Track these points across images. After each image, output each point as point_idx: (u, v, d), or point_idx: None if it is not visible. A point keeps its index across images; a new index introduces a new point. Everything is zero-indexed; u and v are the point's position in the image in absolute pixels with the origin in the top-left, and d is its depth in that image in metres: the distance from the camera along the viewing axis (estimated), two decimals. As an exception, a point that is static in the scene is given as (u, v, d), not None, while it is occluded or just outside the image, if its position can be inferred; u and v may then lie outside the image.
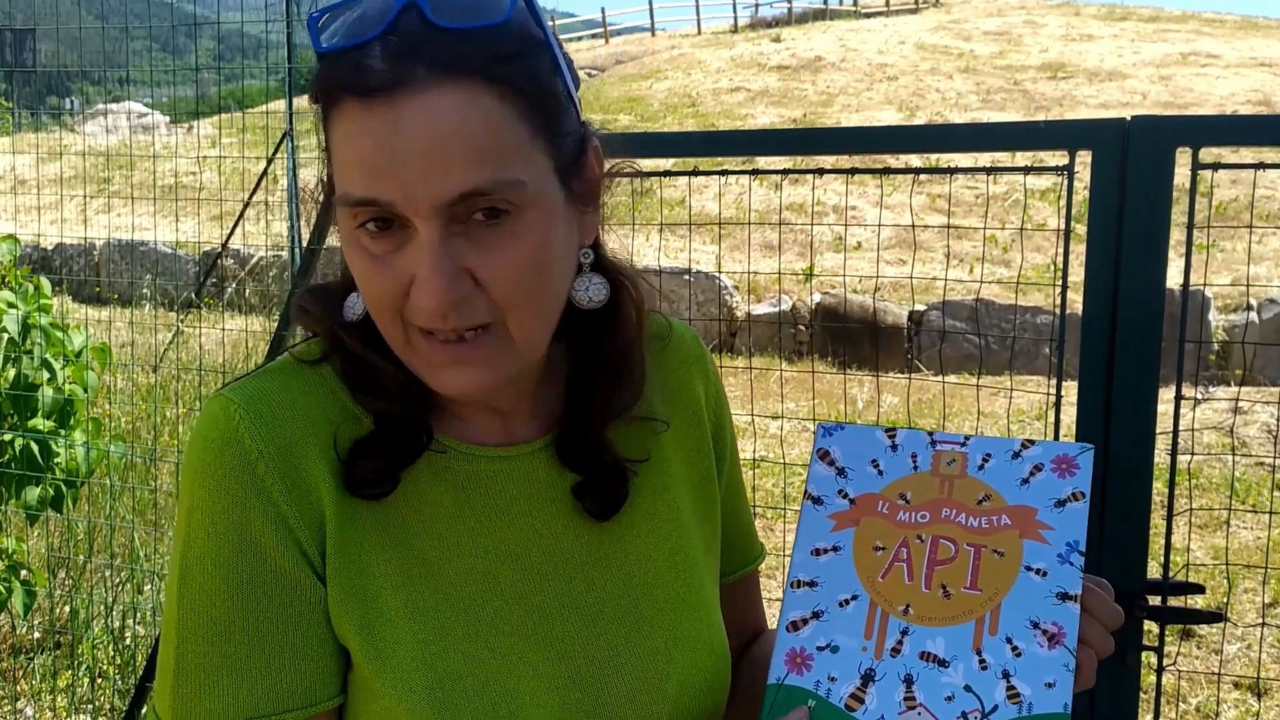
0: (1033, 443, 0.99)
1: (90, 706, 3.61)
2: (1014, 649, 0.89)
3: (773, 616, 1.19)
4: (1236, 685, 3.87)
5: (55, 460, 3.31)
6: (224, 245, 7.51)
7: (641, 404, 0.99)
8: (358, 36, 0.82)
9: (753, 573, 1.16)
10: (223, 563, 0.86)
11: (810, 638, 0.93)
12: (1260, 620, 4.18)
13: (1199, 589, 1.84)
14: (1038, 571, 0.92)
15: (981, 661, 0.89)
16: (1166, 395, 1.79)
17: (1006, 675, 0.88)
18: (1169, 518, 1.86)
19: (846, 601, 0.94)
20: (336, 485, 0.89)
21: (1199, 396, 6.46)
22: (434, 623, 0.89)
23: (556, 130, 0.86)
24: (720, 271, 8.93)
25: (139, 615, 3.89)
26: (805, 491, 1.00)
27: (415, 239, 0.82)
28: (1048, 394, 1.95)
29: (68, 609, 3.98)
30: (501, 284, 0.83)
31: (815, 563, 0.96)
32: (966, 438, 1.00)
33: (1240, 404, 6.21)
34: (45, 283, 3.42)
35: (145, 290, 8.56)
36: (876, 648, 0.91)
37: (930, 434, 1.01)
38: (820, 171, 2.09)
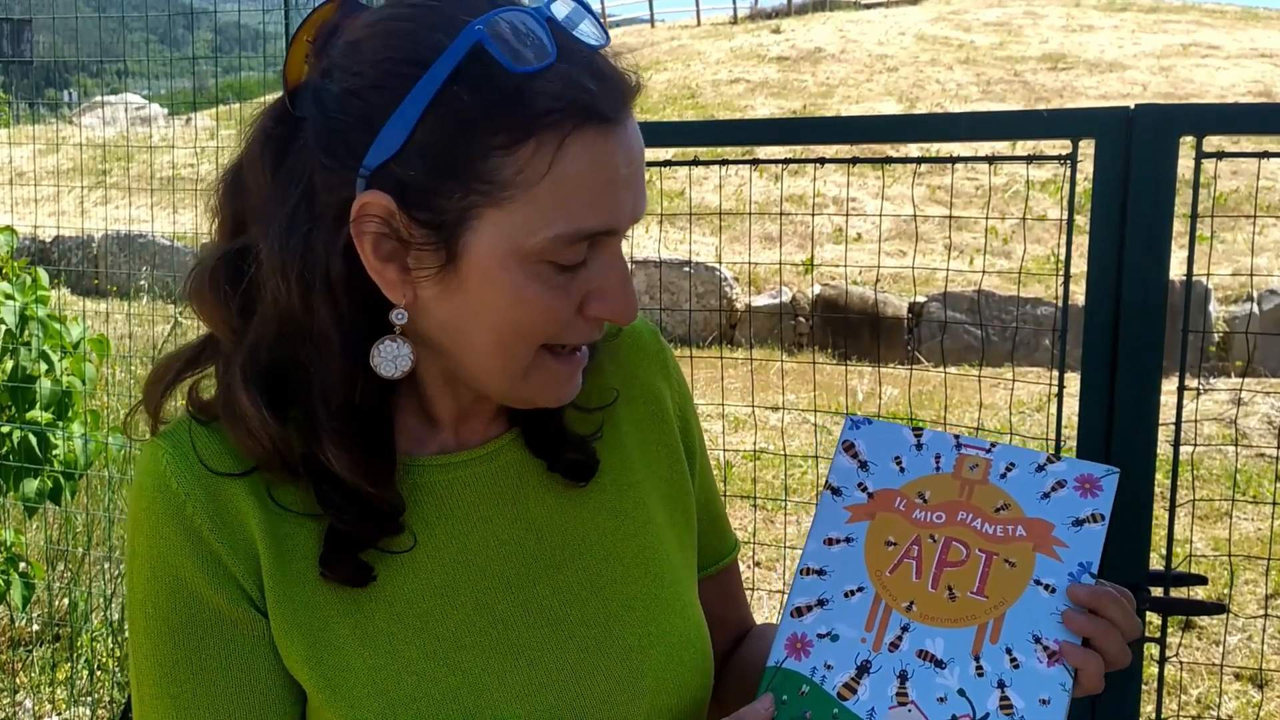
0: (1059, 458, 0.98)
1: (89, 699, 3.61)
2: (1013, 660, 0.89)
3: (774, 607, 1.19)
4: (1238, 676, 3.87)
5: (53, 452, 3.31)
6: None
7: (594, 394, 1.00)
8: (575, 58, 0.80)
9: (730, 565, 1.16)
10: (162, 606, 0.88)
11: (812, 625, 0.93)
12: (1262, 611, 4.18)
13: (1201, 580, 1.84)
14: (1047, 587, 0.91)
15: (979, 668, 0.89)
16: (1168, 386, 1.78)
17: (1002, 685, 0.88)
18: (1171, 509, 1.86)
19: (852, 593, 0.94)
20: (267, 519, 0.88)
21: (1200, 388, 6.45)
22: (386, 646, 0.88)
23: None
24: (720, 263, 8.92)
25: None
26: (826, 481, 1.00)
27: (589, 262, 0.85)
28: (1049, 385, 1.94)
29: (66, 601, 3.98)
30: None
31: (826, 552, 0.96)
32: (993, 445, 1.00)
33: (1241, 395, 6.21)
34: (43, 274, 3.42)
35: (143, 282, 8.55)
36: (876, 640, 0.91)
37: (957, 437, 1.00)
38: (820, 161, 2.08)
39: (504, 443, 0.97)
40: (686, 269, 8.30)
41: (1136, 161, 1.68)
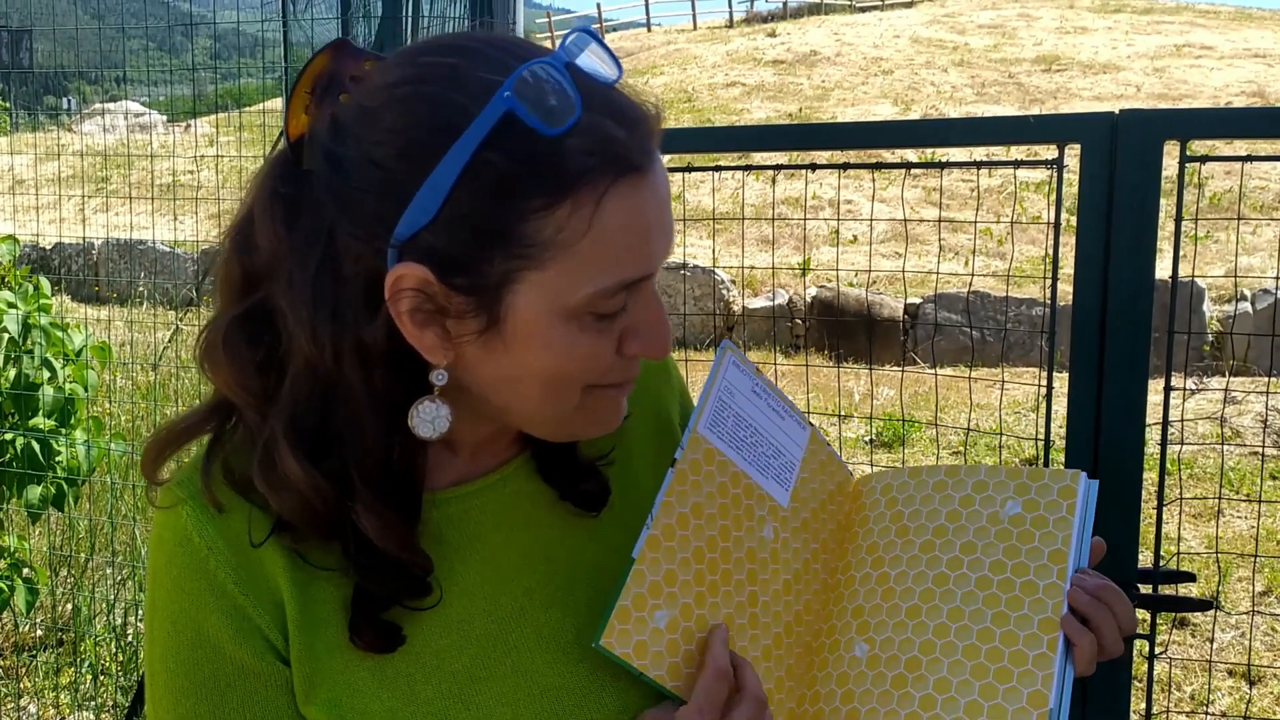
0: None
1: (93, 703, 3.63)
2: None
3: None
4: (1230, 673, 3.91)
5: (56, 459, 3.33)
6: (222, 243, 7.48)
7: None
8: (598, 103, 0.79)
9: None
10: (184, 660, 0.88)
11: None
12: (1252, 608, 4.21)
13: (1190, 577, 1.87)
14: None
15: None
16: (1158, 386, 1.81)
17: None
18: (1159, 507, 1.89)
19: None
20: (292, 568, 0.87)
21: (1192, 387, 6.48)
22: (405, 688, 0.88)
23: None
24: (716, 266, 8.96)
25: (140, 612, 3.91)
26: None
27: (627, 306, 0.85)
28: (1040, 385, 1.97)
29: (70, 606, 4.00)
30: None
31: None
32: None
33: (1233, 394, 6.24)
34: (45, 282, 3.44)
35: (143, 289, 8.57)
36: None
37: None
38: (814, 167, 2.11)
39: (516, 466, 0.97)
40: (683, 272, 8.33)
41: (1121, 166, 1.71)
